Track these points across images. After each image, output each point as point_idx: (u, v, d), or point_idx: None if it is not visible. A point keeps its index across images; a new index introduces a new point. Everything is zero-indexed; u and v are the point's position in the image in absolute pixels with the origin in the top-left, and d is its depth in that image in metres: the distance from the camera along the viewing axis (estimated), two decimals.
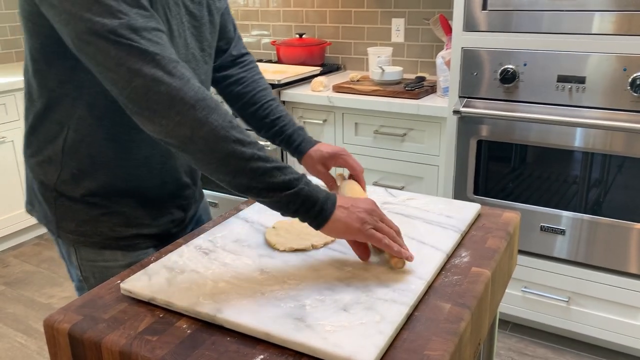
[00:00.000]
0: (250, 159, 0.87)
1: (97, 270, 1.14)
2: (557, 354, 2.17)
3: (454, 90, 2.08)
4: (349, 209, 0.91)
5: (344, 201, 0.92)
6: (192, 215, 1.28)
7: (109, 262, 1.13)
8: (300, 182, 0.89)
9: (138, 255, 1.14)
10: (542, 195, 2.06)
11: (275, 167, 0.88)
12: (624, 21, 1.76)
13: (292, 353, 0.74)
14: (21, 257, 3.10)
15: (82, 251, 1.12)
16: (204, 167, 0.88)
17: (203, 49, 1.12)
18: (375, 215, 0.92)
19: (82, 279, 1.15)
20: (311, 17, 3.10)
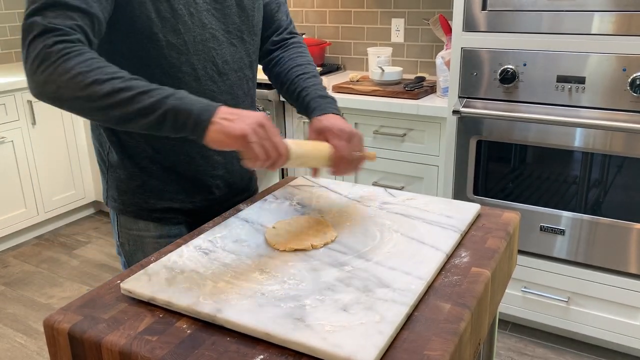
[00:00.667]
0: (110, 93, 0.90)
1: (132, 238, 1.23)
2: (556, 354, 2.17)
3: (453, 90, 2.08)
4: (233, 120, 0.91)
5: (230, 112, 0.93)
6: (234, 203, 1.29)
7: (142, 231, 1.22)
8: (169, 99, 0.91)
9: (170, 229, 1.22)
10: (542, 196, 2.06)
11: (140, 92, 0.91)
12: (623, 21, 1.76)
13: (292, 353, 0.74)
14: (21, 257, 3.10)
15: (121, 219, 1.23)
16: (81, 115, 0.95)
17: (229, 30, 1.16)
18: (263, 129, 0.92)
19: (119, 244, 1.26)
20: (311, 17, 3.10)
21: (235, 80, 1.19)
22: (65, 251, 3.16)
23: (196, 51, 1.11)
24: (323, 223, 1.07)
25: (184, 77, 1.11)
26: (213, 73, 1.14)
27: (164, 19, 1.05)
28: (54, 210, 3.32)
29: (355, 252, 0.97)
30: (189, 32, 1.09)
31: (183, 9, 1.07)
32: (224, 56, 1.16)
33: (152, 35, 1.05)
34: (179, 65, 1.10)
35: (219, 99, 1.15)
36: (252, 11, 1.20)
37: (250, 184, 1.35)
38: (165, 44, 1.07)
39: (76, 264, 3.03)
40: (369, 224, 1.08)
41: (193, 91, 1.10)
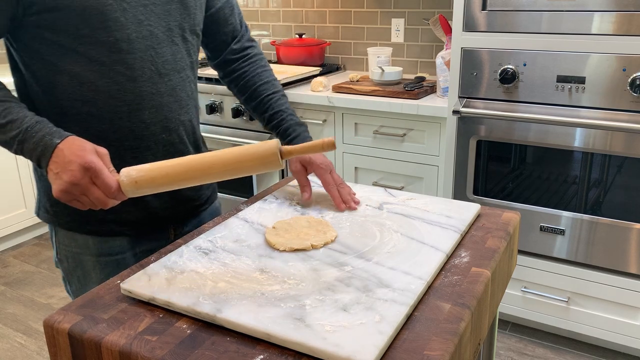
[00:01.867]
0: None
1: (70, 256, 1.17)
2: (556, 353, 2.17)
3: (453, 90, 2.08)
4: (55, 176, 0.91)
5: (55, 165, 0.90)
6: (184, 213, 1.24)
7: (81, 248, 1.15)
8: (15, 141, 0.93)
9: (110, 246, 1.15)
10: (542, 195, 2.06)
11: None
12: (623, 21, 1.76)
13: (292, 353, 0.74)
14: (21, 257, 3.10)
15: (59, 234, 1.16)
16: None
17: (170, 28, 1.10)
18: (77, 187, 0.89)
19: (58, 259, 1.19)
20: (311, 17, 3.10)
21: (177, 82, 1.13)
22: None
23: (131, 49, 1.04)
24: (323, 223, 1.07)
25: (117, 78, 1.04)
26: (152, 74, 1.08)
27: (90, 15, 0.98)
28: None
29: (355, 252, 0.97)
30: (122, 29, 1.02)
31: (114, 4, 1.00)
32: (163, 55, 1.09)
33: (76, 31, 0.99)
34: (111, 65, 1.03)
35: (160, 102, 1.10)
36: (195, 9, 1.15)
37: (201, 192, 1.27)
38: (92, 41, 1.00)
39: None
40: (369, 224, 1.08)
41: (128, 93, 1.06)
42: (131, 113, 1.08)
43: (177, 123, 1.15)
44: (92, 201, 0.91)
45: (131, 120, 1.08)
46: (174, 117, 1.14)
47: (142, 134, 1.10)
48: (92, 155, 0.89)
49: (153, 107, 1.10)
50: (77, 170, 0.88)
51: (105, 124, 1.07)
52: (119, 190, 0.91)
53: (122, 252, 1.17)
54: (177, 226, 1.24)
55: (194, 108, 1.21)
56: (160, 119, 1.11)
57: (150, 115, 1.10)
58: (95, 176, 0.89)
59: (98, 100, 1.05)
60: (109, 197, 0.91)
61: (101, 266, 1.16)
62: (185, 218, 1.24)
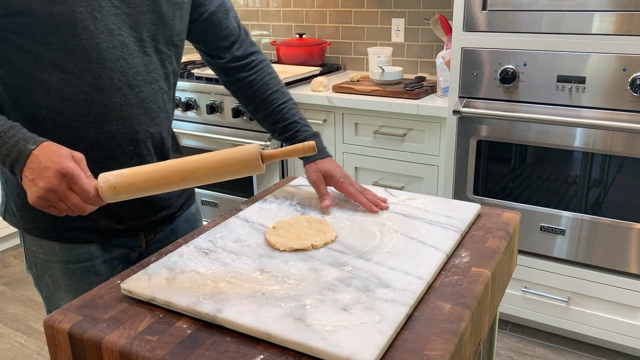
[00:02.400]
0: None
1: (38, 262, 1.15)
2: (556, 353, 2.17)
3: (453, 90, 2.08)
4: (30, 182, 0.88)
5: (31, 172, 0.88)
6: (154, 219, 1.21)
7: (49, 256, 1.13)
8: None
9: (77, 253, 1.12)
10: (542, 195, 2.06)
11: None
12: (624, 21, 1.76)
13: (292, 353, 0.74)
14: (21, 257, 3.10)
15: (27, 240, 1.14)
16: None
17: (142, 39, 1.07)
18: (54, 193, 0.87)
19: (27, 265, 1.18)
20: (311, 17, 3.10)
21: (148, 94, 1.10)
22: None
23: (101, 59, 1.01)
24: (323, 223, 1.07)
25: (85, 87, 1.02)
26: (121, 84, 1.05)
27: (59, 22, 0.96)
28: None
29: (355, 252, 0.97)
30: (92, 38, 0.99)
31: (84, 12, 0.97)
32: (135, 66, 1.06)
33: (44, 37, 0.96)
34: (79, 74, 1.00)
35: (129, 114, 1.07)
36: (172, 20, 1.11)
37: (171, 201, 1.24)
38: (60, 48, 0.98)
39: None
40: (369, 224, 1.08)
41: (96, 103, 1.03)
42: (98, 123, 1.05)
43: (145, 135, 1.11)
44: (69, 207, 0.89)
45: (97, 131, 1.05)
46: (142, 129, 1.10)
47: (108, 144, 1.07)
48: (68, 161, 0.87)
49: (121, 119, 1.07)
50: (54, 177, 0.86)
51: (71, 133, 1.04)
52: (97, 196, 0.89)
53: (90, 259, 1.14)
54: (147, 233, 1.21)
55: (165, 119, 1.17)
56: (127, 131, 1.08)
57: (117, 127, 1.07)
58: (73, 182, 0.87)
59: (64, 109, 1.02)
60: (87, 203, 0.89)
61: (69, 273, 1.13)
62: (156, 225, 1.22)
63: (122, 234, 1.17)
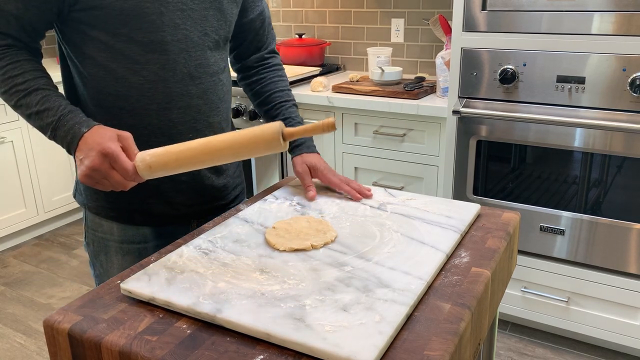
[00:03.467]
0: (16, 107, 1.02)
1: (97, 240, 1.23)
2: (556, 354, 2.17)
3: (453, 90, 2.09)
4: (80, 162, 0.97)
5: (80, 152, 0.97)
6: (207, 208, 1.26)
7: (106, 234, 1.21)
8: (48, 129, 1.00)
9: (133, 234, 1.20)
10: (542, 196, 2.06)
11: (32, 112, 1.01)
12: (623, 21, 1.76)
13: (292, 353, 0.74)
14: (21, 257, 3.10)
15: (89, 217, 1.23)
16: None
17: (206, 33, 1.14)
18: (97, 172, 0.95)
19: (86, 243, 1.26)
20: (311, 17, 3.10)
21: (209, 85, 1.16)
22: (65, 251, 3.16)
23: (165, 51, 1.08)
24: (323, 223, 1.07)
25: (149, 77, 1.09)
26: (184, 76, 1.12)
27: (128, 16, 1.03)
28: (54, 210, 3.32)
29: (355, 252, 0.97)
30: (157, 31, 1.06)
31: (151, 7, 1.05)
32: (198, 59, 1.13)
33: (114, 29, 1.04)
34: (144, 64, 1.08)
35: (189, 104, 1.14)
36: (231, 17, 1.19)
37: (226, 193, 1.30)
38: (128, 40, 1.05)
39: (76, 264, 3.03)
40: (369, 224, 1.08)
41: (159, 92, 1.10)
42: (160, 112, 1.12)
43: (205, 124, 1.18)
44: (112, 184, 0.97)
45: (160, 119, 1.12)
46: (202, 119, 1.17)
47: (169, 132, 1.14)
48: (111, 142, 0.95)
49: (182, 108, 1.13)
50: (97, 157, 0.95)
51: (136, 119, 1.12)
52: (135, 173, 0.96)
53: (144, 242, 1.21)
54: (200, 221, 1.26)
55: (225, 111, 1.24)
56: (188, 120, 1.15)
57: (178, 115, 1.14)
58: (114, 161, 0.95)
59: (130, 97, 1.10)
60: (127, 180, 0.96)
61: (123, 253, 1.20)
62: (209, 214, 1.27)
63: (176, 220, 1.23)
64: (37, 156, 3.16)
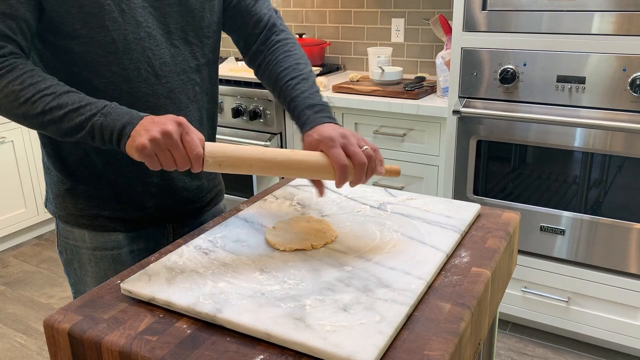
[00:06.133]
0: (43, 112, 0.94)
1: (69, 247, 1.19)
2: (556, 353, 2.17)
3: (453, 90, 2.08)
4: (140, 134, 0.91)
5: (147, 123, 0.92)
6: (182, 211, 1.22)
7: (78, 242, 1.17)
8: (96, 116, 0.93)
9: (105, 240, 1.16)
10: (542, 195, 2.06)
11: (70, 110, 0.94)
12: (623, 21, 1.76)
13: (292, 353, 0.74)
14: (21, 257, 3.10)
15: (60, 226, 1.19)
16: (27, 127, 0.98)
17: (169, 30, 1.09)
18: (168, 138, 0.90)
19: (59, 251, 1.22)
20: (311, 17, 3.10)
21: (176, 84, 1.11)
22: None
23: (127, 50, 1.04)
24: (323, 223, 1.07)
25: (113, 78, 1.05)
26: (148, 75, 1.07)
27: (88, 14, 0.99)
28: None
29: (355, 252, 0.97)
30: (119, 30, 1.02)
31: (112, 4, 1.01)
32: (162, 57, 1.08)
33: (73, 31, 1.00)
34: (107, 65, 1.03)
35: (156, 104, 1.09)
36: (201, 12, 1.13)
37: (201, 195, 1.25)
38: (88, 41, 1.01)
39: None
40: (369, 224, 1.08)
41: (123, 93, 1.06)
42: None
43: None
44: (174, 157, 0.91)
45: None
46: None
47: None
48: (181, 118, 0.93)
49: (149, 109, 1.08)
50: (170, 123, 0.91)
51: None
52: (200, 156, 0.92)
53: (117, 248, 1.17)
54: (175, 225, 1.23)
55: (196, 111, 1.17)
56: None
57: None
58: (186, 132, 0.91)
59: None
60: (190, 157, 0.91)
61: (96, 260, 1.17)
62: (183, 219, 1.24)
63: (149, 224, 1.20)
64: (37, 156, 3.16)
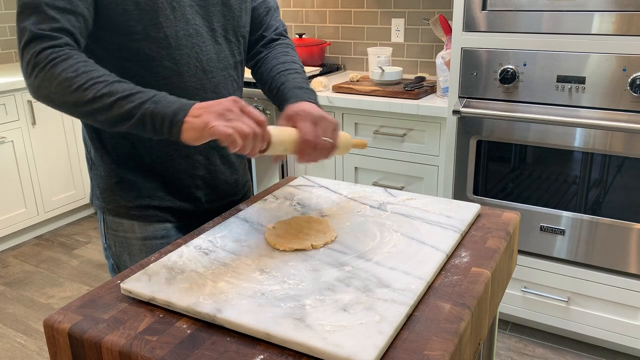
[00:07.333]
0: (94, 99, 0.94)
1: (118, 240, 1.21)
2: (556, 354, 2.17)
3: (453, 90, 2.08)
4: (200, 115, 0.92)
5: (200, 107, 0.93)
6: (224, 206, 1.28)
7: (128, 232, 1.20)
8: (147, 103, 0.94)
9: (155, 230, 1.20)
10: (542, 195, 2.06)
11: (120, 97, 0.94)
12: (623, 21, 1.76)
13: (292, 353, 0.74)
14: (21, 257, 3.10)
15: (107, 219, 1.22)
16: (75, 116, 0.99)
17: (213, 28, 1.15)
18: (230, 112, 0.92)
19: (107, 246, 1.24)
20: (311, 17, 3.10)
21: (220, 79, 1.18)
22: (65, 251, 3.17)
23: (179, 46, 1.09)
24: (323, 223, 1.07)
25: (165, 72, 1.09)
26: (197, 70, 1.13)
27: (143, 12, 1.04)
28: (54, 210, 3.32)
29: (355, 252, 0.97)
30: (171, 26, 1.08)
31: (165, 2, 1.06)
32: (208, 53, 1.14)
33: (129, 28, 1.04)
34: (160, 60, 1.08)
35: (204, 97, 1.14)
36: (240, 12, 1.19)
37: (237, 189, 1.31)
38: (143, 37, 1.06)
39: (76, 264, 3.03)
40: (369, 224, 1.08)
41: (175, 87, 1.11)
42: None
43: None
44: (246, 124, 0.91)
45: None
46: None
47: None
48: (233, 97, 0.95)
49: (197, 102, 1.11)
50: (228, 101, 0.93)
51: None
52: (266, 125, 0.94)
53: (167, 237, 1.21)
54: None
55: None
56: None
57: None
58: (244, 106, 0.94)
59: None
60: (259, 125, 0.93)
61: (147, 249, 1.20)
62: (225, 209, 1.29)
63: (195, 215, 1.24)
64: (37, 156, 3.16)
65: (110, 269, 1.27)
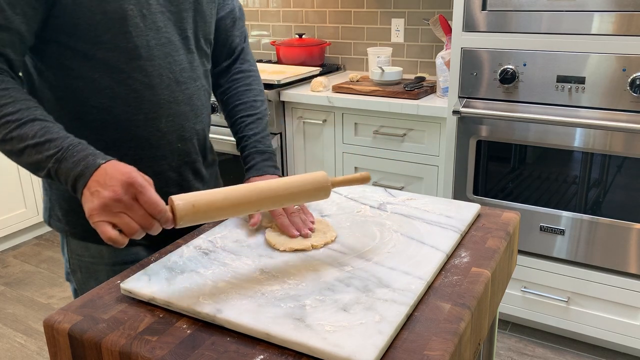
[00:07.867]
0: (3, 141, 0.88)
1: (84, 266, 1.14)
2: (556, 353, 2.17)
3: (453, 90, 2.09)
4: (92, 195, 0.83)
5: (95, 183, 0.83)
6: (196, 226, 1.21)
7: (95, 258, 1.13)
8: (51, 160, 0.87)
9: (125, 255, 1.12)
10: (542, 195, 2.06)
11: (29, 145, 0.87)
12: (623, 21, 1.76)
13: (292, 353, 0.74)
14: (21, 257, 3.10)
15: (71, 243, 1.14)
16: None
17: (186, 36, 1.09)
18: (120, 204, 0.82)
19: (70, 271, 1.16)
20: (311, 17, 3.10)
21: (194, 91, 1.12)
22: None
23: (150, 56, 1.03)
24: (323, 223, 1.07)
25: (135, 85, 1.03)
26: (170, 82, 1.06)
27: (111, 20, 0.97)
28: None
29: (355, 252, 0.97)
30: (141, 36, 1.01)
31: (134, 9, 0.99)
32: (181, 63, 1.08)
33: (96, 37, 0.97)
34: (130, 72, 1.02)
35: (177, 110, 1.09)
36: (210, 18, 1.14)
37: None
38: (111, 47, 0.99)
39: None
40: (369, 224, 1.08)
41: (146, 101, 1.04)
42: (148, 122, 1.06)
43: (192, 132, 1.13)
44: (135, 218, 0.82)
45: (147, 129, 1.06)
46: (189, 126, 1.12)
47: (158, 142, 1.08)
48: (136, 174, 0.83)
49: (170, 116, 1.08)
50: (119, 186, 0.82)
51: (120, 132, 1.05)
52: (166, 211, 0.83)
53: (137, 260, 1.13)
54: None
55: (207, 117, 1.19)
56: (176, 128, 1.10)
57: (166, 124, 1.08)
58: (139, 193, 0.82)
59: (114, 108, 1.03)
60: (153, 217, 0.83)
61: (115, 274, 1.11)
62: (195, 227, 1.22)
63: (167, 237, 1.14)
64: None
65: (73, 293, 1.20)
